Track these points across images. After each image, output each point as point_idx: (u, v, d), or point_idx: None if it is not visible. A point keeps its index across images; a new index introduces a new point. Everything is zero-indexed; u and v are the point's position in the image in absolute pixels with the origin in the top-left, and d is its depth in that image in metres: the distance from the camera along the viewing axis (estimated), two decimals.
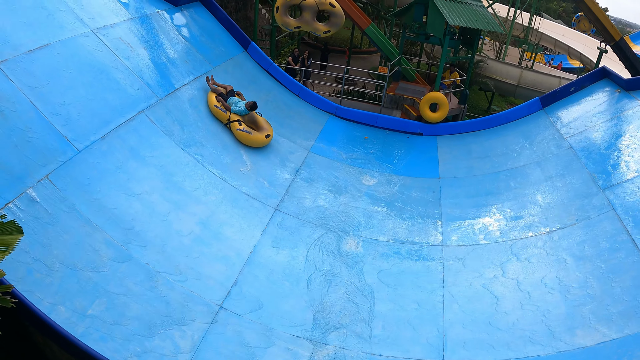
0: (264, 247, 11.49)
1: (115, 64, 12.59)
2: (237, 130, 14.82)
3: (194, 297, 9.51)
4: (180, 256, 10.11)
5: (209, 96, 15.40)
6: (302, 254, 11.69)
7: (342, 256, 11.86)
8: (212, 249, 10.76)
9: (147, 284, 9.18)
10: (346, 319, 10.17)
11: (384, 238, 12.71)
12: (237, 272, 10.51)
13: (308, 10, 21.39)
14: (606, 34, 25.43)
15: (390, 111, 21.16)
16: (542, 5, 70.35)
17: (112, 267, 8.99)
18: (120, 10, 14.22)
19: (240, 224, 11.81)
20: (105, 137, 10.89)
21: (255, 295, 10.21)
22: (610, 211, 11.23)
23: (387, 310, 10.55)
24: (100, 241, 9.18)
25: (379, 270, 11.64)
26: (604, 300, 9.30)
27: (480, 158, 16.14)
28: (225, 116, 15.03)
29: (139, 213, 10.24)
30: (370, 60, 41.65)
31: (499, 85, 33.16)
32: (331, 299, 10.58)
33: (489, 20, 19.77)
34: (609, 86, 16.15)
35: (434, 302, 10.78)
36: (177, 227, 10.67)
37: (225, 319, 9.47)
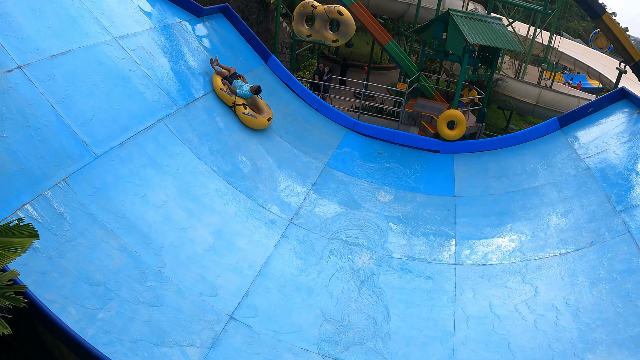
0: (277, 260, 11.50)
1: (136, 72, 12.70)
2: (242, 114, 15.23)
3: (204, 306, 9.52)
4: (193, 265, 10.14)
5: (214, 79, 15.67)
6: (315, 267, 11.68)
7: (355, 271, 11.83)
8: (225, 259, 10.78)
9: (158, 290, 9.21)
10: (356, 335, 10.13)
11: (397, 255, 12.68)
12: (248, 283, 10.52)
13: (319, 18, 21.55)
14: (626, 54, 25.31)
15: (408, 128, 21.16)
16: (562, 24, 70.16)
17: (125, 272, 9.04)
18: (143, 19, 14.35)
19: (254, 236, 11.83)
20: (124, 143, 10.98)
21: (266, 307, 10.20)
22: (626, 234, 11.14)
23: (397, 327, 10.50)
24: (114, 246, 9.24)
25: (391, 287, 11.60)
26: (617, 324, 9.21)
27: (497, 177, 16.07)
28: (230, 100, 15.39)
29: (153, 220, 10.30)
30: (389, 76, 41.69)
31: (517, 104, 33.04)
32: (342, 313, 10.56)
33: (508, 39, 19.75)
34: (627, 107, 16.05)
35: (445, 321, 10.72)
36: (191, 235, 10.71)
37: (235, 330, 9.46)
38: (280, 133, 16.18)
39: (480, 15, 20.95)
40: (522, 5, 33.82)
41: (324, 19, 21.25)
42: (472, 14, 20.43)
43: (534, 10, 33.99)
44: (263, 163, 14.39)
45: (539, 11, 33.21)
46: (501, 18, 22.81)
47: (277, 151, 15.33)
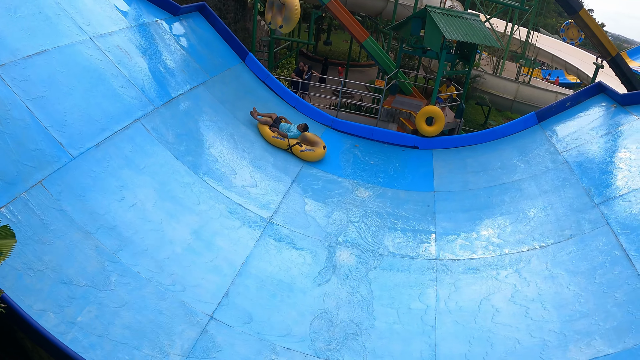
0: (257, 259, 11.45)
1: (113, 72, 12.60)
2: (301, 152, 15.85)
3: (184, 306, 9.46)
4: (172, 265, 10.07)
5: (262, 129, 16.14)
6: (295, 265, 11.66)
7: (335, 268, 11.83)
8: (204, 259, 10.72)
9: (137, 292, 9.14)
10: (338, 331, 10.13)
11: (377, 251, 12.69)
12: (228, 283, 10.47)
13: (273, 3, 21.72)
14: (602, 49, 25.54)
15: (387, 124, 21.22)
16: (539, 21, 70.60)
17: (103, 274, 8.96)
18: (119, 18, 14.25)
19: (233, 235, 11.78)
20: (101, 144, 10.89)
21: (246, 306, 10.16)
22: (604, 226, 11.21)
23: (379, 323, 10.51)
24: (92, 248, 9.15)
25: (372, 283, 11.60)
26: (598, 315, 9.26)
27: (476, 172, 16.16)
28: (285, 143, 15.99)
29: (131, 221, 10.22)
30: (368, 73, 41.86)
31: (495, 100, 33.29)
32: (323, 311, 10.55)
33: (485, 35, 19.84)
34: (605, 101, 16.22)
35: (427, 316, 10.74)
36: (170, 236, 10.64)
37: (215, 330, 9.42)
38: (259, 132, 16.13)
39: (457, 11, 20.99)
40: (499, 2, 34.02)
41: (278, 4, 21.38)
42: (449, 10, 20.45)
43: (512, 6, 34.18)
44: (241, 162, 14.36)
45: (517, 7, 33.42)
46: (478, 14, 22.89)
47: (256, 150, 15.30)
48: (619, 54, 26.06)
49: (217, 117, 15.23)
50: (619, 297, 9.36)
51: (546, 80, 57.65)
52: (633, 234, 10.50)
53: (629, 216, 11.06)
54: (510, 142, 17.20)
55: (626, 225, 10.85)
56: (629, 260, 9.93)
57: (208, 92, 15.74)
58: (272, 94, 18.54)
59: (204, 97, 15.30)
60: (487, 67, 41.79)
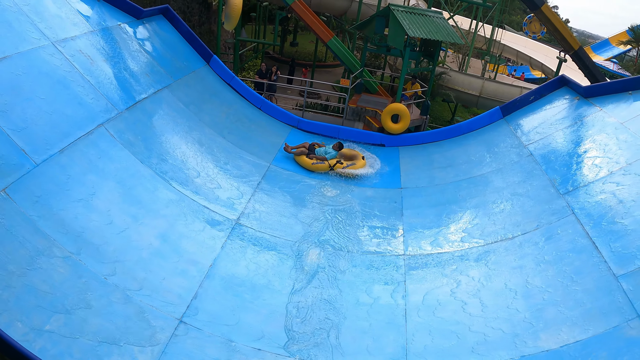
0: (224, 261, 11.43)
1: (75, 77, 12.47)
2: (345, 169, 16.13)
3: (153, 311, 9.41)
4: (139, 270, 10.00)
5: (300, 160, 16.53)
6: (263, 266, 11.67)
7: (304, 268, 11.86)
8: (172, 262, 10.67)
9: (105, 298, 9.07)
10: (308, 330, 10.15)
11: (346, 249, 12.76)
12: (197, 286, 10.44)
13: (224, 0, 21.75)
14: (565, 44, 26.04)
15: (353, 123, 21.35)
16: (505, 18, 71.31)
17: (70, 281, 8.87)
18: (81, 22, 14.12)
19: (200, 237, 11.74)
20: (64, 150, 10.77)
21: (215, 309, 10.14)
22: (570, 215, 11.40)
23: (350, 321, 10.55)
24: (58, 256, 9.05)
25: (341, 281, 11.66)
26: (567, 303, 9.40)
27: (442, 168, 16.35)
28: (326, 166, 16.32)
29: (97, 227, 10.12)
30: (335, 73, 41.97)
31: (461, 96, 33.63)
32: (292, 310, 10.57)
33: (449, 32, 20.07)
34: (568, 94, 16.48)
35: (396, 311, 10.82)
36: (136, 240, 10.56)
37: (185, 333, 9.38)
38: (224, 134, 16.13)
39: (420, 9, 21.21)
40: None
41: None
42: (412, 8, 20.65)
43: (475, 3, 34.54)
44: (207, 164, 14.33)
45: (480, 4, 33.79)
46: (442, 12, 23.09)
47: (221, 152, 15.27)
48: (582, 47, 26.59)
49: (182, 120, 15.17)
50: (586, 285, 9.51)
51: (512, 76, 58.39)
52: (598, 222, 10.69)
53: (593, 205, 11.27)
54: (476, 136, 17.42)
55: (591, 214, 11.04)
56: (595, 247, 10.11)
57: (172, 95, 15.67)
58: (237, 96, 18.52)
59: (168, 101, 15.24)
60: (452, 64, 42.22)
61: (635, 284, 8.88)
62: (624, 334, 8.25)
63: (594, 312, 8.93)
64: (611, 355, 8.06)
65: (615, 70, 64.93)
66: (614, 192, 11.18)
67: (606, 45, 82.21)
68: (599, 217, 10.81)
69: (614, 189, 11.25)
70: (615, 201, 10.91)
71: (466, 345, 9.62)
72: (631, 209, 10.43)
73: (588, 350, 8.38)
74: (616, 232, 10.17)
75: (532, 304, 9.83)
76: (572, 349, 8.58)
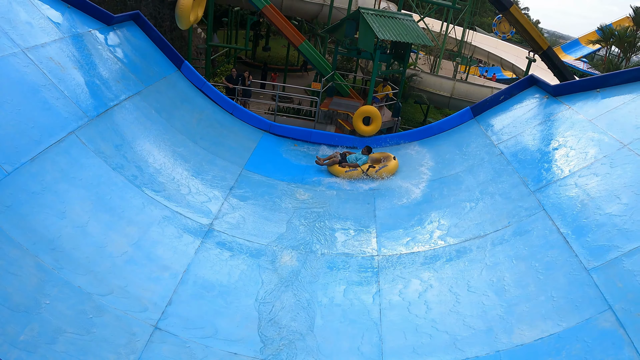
0: (198, 266, 11.43)
1: (46, 84, 12.40)
2: (378, 172, 16.45)
3: (127, 318, 9.38)
4: (113, 278, 9.96)
5: (333, 169, 17.03)
6: (237, 270, 11.68)
7: (277, 271, 11.90)
8: (145, 269, 10.63)
9: (79, 307, 9.03)
10: (283, 333, 10.17)
11: (319, 251, 12.81)
12: (171, 292, 10.43)
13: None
14: (534, 44, 26.42)
15: (325, 126, 21.41)
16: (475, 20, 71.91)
17: (44, 291, 8.82)
18: (51, 29, 14.04)
19: (174, 243, 11.73)
20: (35, 158, 10.70)
21: (190, 314, 10.14)
22: (541, 212, 11.61)
23: (325, 322, 10.61)
24: (31, 265, 9.00)
25: (316, 283, 11.71)
26: (540, 298, 9.54)
27: (414, 168, 16.52)
28: (359, 172, 16.65)
29: (70, 235, 10.07)
30: (307, 77, 41.99)
31: (433, 98, 33.90)
32: (267, 314, 10.59)
33: (419, 34, 20.24)
34: (537, 93, 16.79)
35: (371, 311, 10.89)
36: (109, 248, 10.52)
37: (161, 340, 9.36)
38: (196, 139, 16.13)
39: (390, 12, 21.38)
40: (432, 1, 34.57)
41: None
42: (382, 11, 20.78)
43: (444, 5, 34.76)
44: (179, 170, 14.32)
45: (449, 6, 34.01)
46: (412, 14, 23.28)
47: (193, 157, 15.28)
48: (550, 47, 26.98)
49: (154, 127, 15.14)
50: (559, 279, 9.66)
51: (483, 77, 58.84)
52: (568, 218, 10.89)
53: (563, 201, 11.47)
54: (447, 137, 17.68)
55: (561, 210, 11.24)
56: (566, 242, 10.29)
57: (144, 101, 15.62)
58: (209, 102, 18.53)
59: (140, 107, 15.18)
60: (424, 66, 42.45)
61: (606, 277, 9.04)
62: (597, 326, 8.40)
63: (567, 306, 9.07)
64: (585, 347, 8.19)
65: (585, 70, 65.84)
66: (583, 188, 11.39)
67: (576, 45, 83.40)
68: (569, 213, 11.01)
69: (584, 185, 11.46)
70: (585, 197, 11.11)
71: (441, 342, 9.72)
72: (600, 203, 10.63)
73: (562, 343, 8.50)
74: (586, 226, 10.36)
75: (506, 300, 9.97)
76: (547, 342, 8.71)
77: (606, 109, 13.49)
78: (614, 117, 12.99)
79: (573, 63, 68.40)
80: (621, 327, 8.10)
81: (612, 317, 8.37)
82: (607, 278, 9.02)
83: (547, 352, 8.56)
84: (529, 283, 10.03)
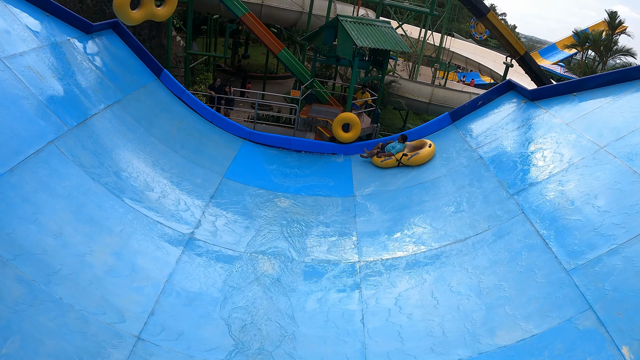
0: (180, 275, 11.39)
1: (24, 94, 12.28)
2: (409, 160, 16.67)
3: (110, 329, 9.32)
4: (94, 289, 9.88)
5: (374, 160, 17.96)
6: (219, 279, 11.66)
7: (259, 279, 11.88)
8: (127, 279, 10.56)
9: (61, 319, 8.96)
10: (266, 342, 10.16)
11: (300, 258, 12.84)
12: (153, 302, 10.38)
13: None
14: (511, 49, 26.75)
15: (304, 133, 21.45)
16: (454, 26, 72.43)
17: (24, 303, 8.74)
18: (29, 38, 13.93)
19: (155, 253, 11.67)
20: (14, 169, 10.58)
21: (173, 324, 10.09)
22: (520, 214, 11.78)
23: (307, 330, 10.63)
24: (10, 277, 8.91)
25: (297, 291, 11.74)
26: (521, 299, 9.67)
27: (394, 174, 16.70)
28: (393, 161, 17.05)
29: (49, 246, 9.98)
30: (286, 85, 42.08)
31: (412, 104, 34.12)
32: (250, 322, 10.57)
33: (397, 41, 20.36)
34: (515, 97, 17.01)
35: (354, 318, 10.94)
36: (89, 259, 10.43)
37: (143, 350, 9.30)
38: (176, 148, 16.08)
39: (368, 19, 21.46)
40: (409, 8, 34.80)
41: None
42: (360, 18, 20.87)
43: (422, 12, 34.97)
44: (159, 180, 14.26)
45: (427, 13, 34.25)
46: (390, 21, 23.39)
47: (173, 166, 15.23)
48: (527, 52, 27.34)
49: (133, 136, 15.06)
50: (539, 280, 9.79)
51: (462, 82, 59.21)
52: (547, 220, 11.07)
53: (542, 203, 11.65)
54: None
55: (540, 213, 11.42)
56: (545, 244, 10.46)
57: (123, 110, 15.52)
58: (188, 110, 18.49)
59: (119, 116, 15.09)
60: (403, 72, 42.70)
61: (585, 277, 9.20)
62: (578, 325, 8.52)
63: (548, 307, 9.19)
64: (567, 347, 8.29)
65: (562, 74, 66.38)
66: (561, 190, 11.57)
67: (553, 50, 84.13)
68: (548, 215, 11.19)
69: (561, 187, 11.65)
70: (563, 199, 11.30)
71: (424, 345, 9.77)
72: (578, 205, 10.82)
73: (544, 344, 8.60)
74: (565, 228, 10.53)
75: (487, 302, 10.07)
76: (529, 343, 8.80)
77: (583, 112, 13.69)
78: (590, 120, 13.18)
79: (550, 67, 68.97)
80: (602, 325, 8.22)
81: (592, 316, 8.49)
82: (586, 278, 9.16)
83: (529, 353, 8.65)
84: (510, 285, 10.15)
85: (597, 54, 69.64)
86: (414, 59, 43.02)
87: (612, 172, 11.04)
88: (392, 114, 40.56)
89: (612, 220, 9.83)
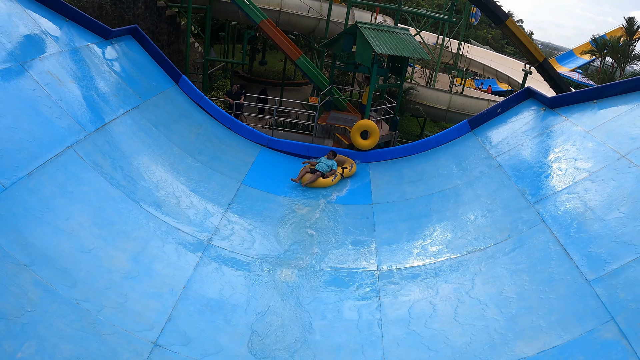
0: (197, 282, 11.33)
1: (43, 99, 12.31)
2: (350, 171, 17.47)
3: (127, 335, 9.27)
4: (111, 294, 9.85)
5: (320, 183, 17.11)
6: (236, 286, 11.59)
7: (277, 287, 11.81)
8: (144, 285, 10.52)
9: (77, 323, 8.92)
10: (283, 351, 10.07)
11: (319, 266, 12.74)
12: (170, 308, 10.33)
13: None
14: (530, 56, 26.56)
15: (323, 141, 21.40)
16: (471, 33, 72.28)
17: (41, 307, 8.72)
18: (49, 43, 13.98)
19: (172, 259, 11.63)
20: (32, 173, 10.59)
21: (190, 331, 10.03)
22: (540, 224, 11.55)
23: (325, 338, 10.52)
24: (28, 281, 8.89)
25: (315, 299, 11.63)
26: (542, 310, 9.48)
27: (413, 182, 16.49)
28: (339, 177, 17.30)
29: (67, 251, 9.97)
30: (304, 91, 42.11)
31: (429, 111, 34.01)
32: (267, 330, 10.49)
33: (415, 48, 20.27)
34: (534, 105, 16.80)
35: (372, 326, 10.80)
36: (107, 264, 10.40)
37: (160, 356, 9.24)
38: (194, 154, 16.07)
39: (387, 26, 21.38)
40: (428, 15, 34.75)
41: None
42: (379, 25, 20.80)
43: (440, 19, 34.90)
44: (177, 185, 14.24)
45: (445, 20, 34.17)
46: (408, 28, 23.31)
47: (192, 172, 15.21)
48: (546, 59, 27.13)
49: (151, 141, 15.07)
50: (560, 291, 9.59)
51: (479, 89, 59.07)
52: (568, 229, 10.84)
53: (563, 213, 11.42)
54: (445, 150, 17.63)
55: (561, 222, 11.18)
56: (566, 254, 10.23)
57: (141, 116, 15.55)
58: (206, 116, 18.49)
59: (138, 122, 15.11)
60: (420, 79, 42.62)
61: (607, 288, 8.99)
62: (599, 337, 8.34)
63: (569, 318, 9.01)
64: (588, 359, 8.13)
65: (580, 80, 66.06)
66: (582, 199, 11.36)
67: (570, 56, 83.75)
68: (569, 224, 10.96)
69: (583, 196, 11.44)
70: (584, 208, 11.08)
71: (443, 356, 9.61)
72: (599, 214, 10.60)
73: (565, 355, 8.43)
74: (586, 238, 10.32)
75: (507, 313, 9.88)
76: (549, 354, 8.63)
77: (603, 120, 13.50)
78: (611, 128, 12.99)
79: (568, 74, 68.66)
80: (624, 337, 8.05)
81: (614, 327, 8.31)
82: (608, 289, 8.97)
83: None
84: (530, 295, 9.96)
85: (615, 60, 69.20)
86: (432, 66, 42.95)
87: (634, 180, 10.86)
88: (410, 121, 40.48)
89: (635, 230, 9.65)
